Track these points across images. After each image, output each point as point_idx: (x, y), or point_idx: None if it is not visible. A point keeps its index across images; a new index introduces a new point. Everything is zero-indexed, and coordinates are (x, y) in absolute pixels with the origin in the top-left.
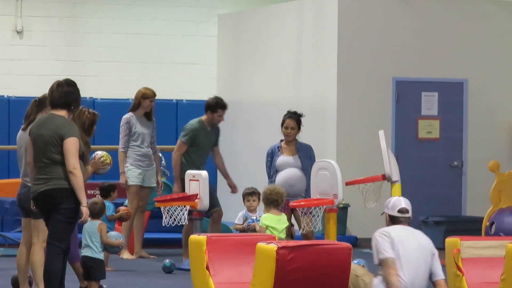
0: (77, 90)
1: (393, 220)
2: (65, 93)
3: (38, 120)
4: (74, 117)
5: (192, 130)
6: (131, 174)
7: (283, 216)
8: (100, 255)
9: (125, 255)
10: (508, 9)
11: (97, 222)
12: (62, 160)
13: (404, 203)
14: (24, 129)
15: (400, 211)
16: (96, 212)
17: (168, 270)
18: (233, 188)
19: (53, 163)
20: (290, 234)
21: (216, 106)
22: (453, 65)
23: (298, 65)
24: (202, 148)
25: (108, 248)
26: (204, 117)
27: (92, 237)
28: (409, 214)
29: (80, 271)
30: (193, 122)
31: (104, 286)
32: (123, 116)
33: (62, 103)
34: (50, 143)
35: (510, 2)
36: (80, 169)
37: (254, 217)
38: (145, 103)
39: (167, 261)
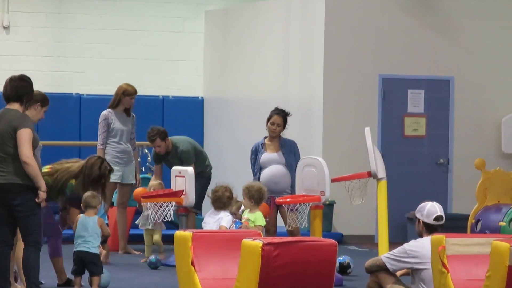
0: (30, 85)
1: (428, 228)
2: (16, 87)
3: None
4: (85, 167)
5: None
6: None
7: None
8: (97, 250)
9: None
10: (495, 6)
11: (95, 217)
12: (17, 153)
13: (439, 210)
14: None
15: (436, 218)
16: (94, 206)
17: (154, 266)
18: None
19: (9, 157)
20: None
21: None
22: (440, 62)
23: (285, 62)
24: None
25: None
26: None
27: (91, 232)
28: (443, 221)
29: (59, 266)
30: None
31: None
32: (102, 113)
33: (14, 96)
34: (5, 137)
35: (496, 0)
36: (34, 159)
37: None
38: (126, 100)
39: (152, 257)
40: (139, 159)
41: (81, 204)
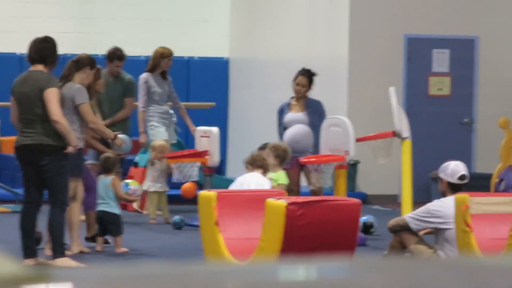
0: (53, 46)
1: (452, 187)
2: (39, 49)
3: (19, 78)
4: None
5: None
6: (159, 130)
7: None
8: (117, 210)
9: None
10: None
11: (110, 177)
12: (45, 114)
13: (462, 169)
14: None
15: (460, 177)
16: (109, 167)
17: (178, 226)
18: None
19: (38, 118)
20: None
21: (113, 56)
22: (464, 22)
23: (311, 22)
24: (107, 99)
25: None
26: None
27: (107, 193)
28: (467, 180)
29: (91, 220)
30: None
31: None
32: (141, 76)
33: (37, 58)
34: (33, 98)
35: None
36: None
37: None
38: (164, 62)
39: (177, 217)
40: (174, 118)
41: (101, 167)
